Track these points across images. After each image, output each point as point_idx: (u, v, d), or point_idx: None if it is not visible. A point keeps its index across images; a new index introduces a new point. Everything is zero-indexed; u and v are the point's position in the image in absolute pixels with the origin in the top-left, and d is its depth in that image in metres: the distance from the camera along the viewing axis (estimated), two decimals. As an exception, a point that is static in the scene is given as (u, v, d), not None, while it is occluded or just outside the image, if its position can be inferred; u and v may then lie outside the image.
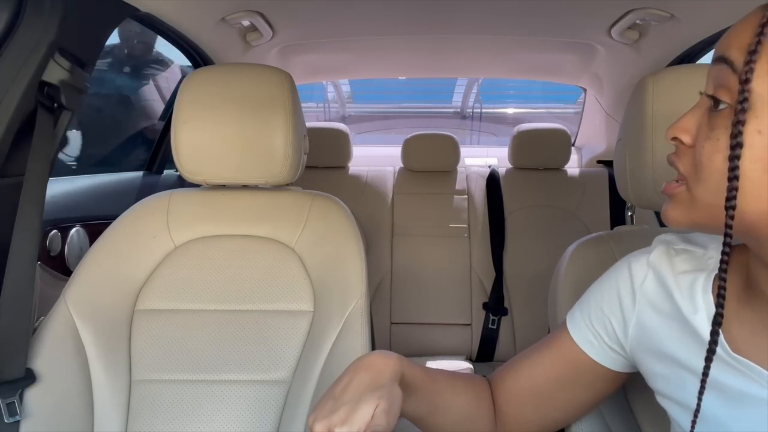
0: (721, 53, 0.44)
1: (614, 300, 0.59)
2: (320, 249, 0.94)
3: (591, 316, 0.60)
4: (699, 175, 0.45)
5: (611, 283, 0.60)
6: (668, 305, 0.55)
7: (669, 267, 0.56)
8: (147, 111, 2.07)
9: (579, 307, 0.63)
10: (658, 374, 0.56)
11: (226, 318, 0.91)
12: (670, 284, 0.55)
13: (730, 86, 0.43)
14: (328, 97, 4.22)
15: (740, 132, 0.41)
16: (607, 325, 0.59)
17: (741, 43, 0.42)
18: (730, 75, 0.43)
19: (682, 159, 0.48)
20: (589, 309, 0.61)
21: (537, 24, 1.48)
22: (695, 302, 0.52)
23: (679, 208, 0.49)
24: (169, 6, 1.17)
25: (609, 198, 2.02)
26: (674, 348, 0.54)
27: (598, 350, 0.60)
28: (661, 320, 0.55)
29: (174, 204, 0.98)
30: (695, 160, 0.46)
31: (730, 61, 0.43)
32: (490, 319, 1.89)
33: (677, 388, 0.54)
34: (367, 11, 1.40)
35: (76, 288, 0.89)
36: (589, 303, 0.62)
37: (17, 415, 0.76)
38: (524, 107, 4.72)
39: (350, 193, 2.05)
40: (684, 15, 1.25)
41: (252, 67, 0.96)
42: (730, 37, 0.44)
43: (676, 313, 0.54)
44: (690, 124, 0.47)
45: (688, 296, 0.53)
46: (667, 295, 0.55)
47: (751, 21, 0.43)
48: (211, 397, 0.87)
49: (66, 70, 0.91)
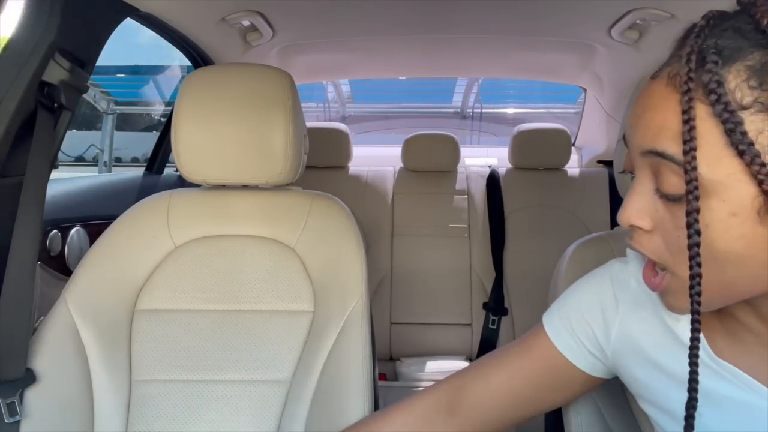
0: (651, 147, 0.42)
1: (595, 307, 0.59)
2: (320, 249, 0.94)
3: (572, 322, 0.60)
4: (683, 260, 0.42)
5: (592, 290, 0.60)
6: (649, 313, 0.55)
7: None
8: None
9: (557, 312, 0.62)
10: (641, 380, 0.56)
11: (226, 318, 0.91)
12: (650, 292, 0.55)
13: (673, 178, 0.41)
14: (328, 97, 4.22)
15: (696, 220, 0.40)
16: (588, 331, 0.59)
17: (669, 134, 0.41)
18: (670, 167, 0.41)
19: (646, 245, 0.46)
20: (569, 314, 0.60)
21: (537, 24, 1.48)
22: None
23: (681, 298, 0.46)
24: (169, 6, 1.17)
25: (609, 198, 2.02)
26: (657, 354, 0.54)
27: (578, 355, 0.59)
28: (643, 328, 0.55)
29: (174, 204, 0.98)
30: (669, 246, 0.44)
31: (667, 155, 0.41)
32: (490, 319, 1.89)
33: (661, 394, 0.54)
34: (367, 11, 1.40)
35: (76, 288, 0.89)
36: (568, 308, 0.61)
37: (17, 415, 0.76)
38: (524, 107, 4.72)
39: (350, 193, 2.05)
40: (684, 15, 1.25)
41: (252, 67, 0.96)
42: (653, 128, 0.42)
43: (658, 321, 0.54)
44: (644, 209, 0.45)
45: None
46: (648, 302, 0.55)
47: (663, 105, 0.42)
48: (211, 397, 0.87)
49: (66, 70, 0.91)
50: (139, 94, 6.06)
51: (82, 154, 5.62)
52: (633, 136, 0.45)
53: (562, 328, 0.60)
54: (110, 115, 5.31)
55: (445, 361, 1.84)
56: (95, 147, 5.36)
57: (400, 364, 1.85)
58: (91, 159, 5.61)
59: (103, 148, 5.23)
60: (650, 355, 0.54)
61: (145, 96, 6.15)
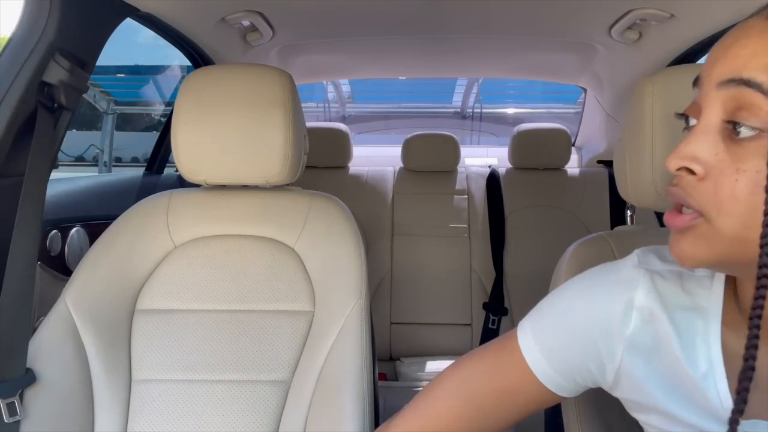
0: (736, 75, 0.40)
1: (590, 344, 0.50)
2: (320, 249, 0.94)
3: (557, 353, 0.51)
4: (727, 210, 0.39)
5: (586, 320, 0.51)
6: (662, 354, 0.48)
7: (660, 304, 0.48)
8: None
9: (534, 334, 0.53)
10: (647, 422, 0.51)
11: (226, 318, 0.91)
12: (663, 326, 0.47)
13: (757, 110, 0.38)
14: (328, 97, 4.22)
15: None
16: (580, 367, 0.51)
17: (760, 63, 0.39)
18: (756, 97, 0.38)
19: (693, 193, 0.42)
20: (553, 345, 0.52)
21: (537, 24, 1.48)
22: (699, 357, 0.45)
23: (699, 245, 0.42)
24: (169, 6, 1.17)
25: (609, 198, 2.02)
26: (667, 402, 0.48)
27: (556, 382, 0.52)
28: (651, 368, 0.48)
29: (174, 204, 0.98)
30: (719, 193, 0.40)
31: (754, 83, 0.39)
32: (490, 319, 1.89)
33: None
34: (367, 11, 1.40)
35: (76, 288, 0.89)
36: (554, 337, 0.52)
37: (17, 415, 0.76)
38: (524, 107, 4.72)
39: (350, 193, 2.05)
40: (684, 15, 1.25)
41: (252, 67, 0.96)
42: (743, 56, 0.40)
43: (673, 363, 0.47)
44: (702, 153, 0.41)
45: (689, 346, 0.46)
46: (660, 340, 0.48)
47: (758, 36, 0.39)
48: (211, 397, 0.87)
49: (66, 70, 0.91)
50: (139, 94, 6.05)
51: (82, 154, 5.62)
52: (713, 68, 0.42)
53: (541, 357, 0.52)
54: (110, 115, 5.31)
55: (445, 361, 1.84)
56: (95, 147, 5.36)
57: (400, 364, 1.85)
58: (91, 159, 5.61)
59: (103, 148, 5.23)
60: (659, 402, 0.48)
61: (145, 96, 6.15)
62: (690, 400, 0.46)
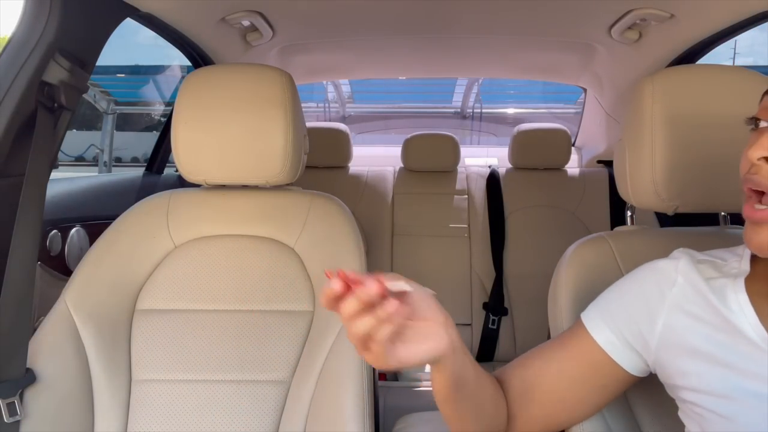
0: None
1: (639, 301, 0.61)
2: (320, 249, 0.94)
3: (615, 318, 0.61)
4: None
5: (635, 285, 0.62)
6: (701, 308, 0.57)
7: (697, 273, 0.59)
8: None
9: (597, 309, 0.63)
10: (690, 371, 0.57)
11: (226, 318, 0.91)
12: (702, 288, 0.58)
13: None
14: (328, 97, 4.21)
15: None
16: (631, 326, 0.60)
17: None
18: None
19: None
20: (611, 310, 0.62)
21: (537, 24, 1.48)
22: (731, 302, 0.55)
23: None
24: (169, 6, 1.17)
25: (609, 198, 2.02)
26: (709, 346, 0.55)
27: (619, 351, 0.61)
28: (691, 322, 0.57)
29: (174, 204, 0.98)
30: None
31: None
32: (490, 319, 1.89)
33: (713, 383, 0.55)
34: (367, 11, 1.40)
35: (76, 288, 0.89)
36: (610, 305, 0.63)
37: (17, 415, 0.76)
38: (524, 107, 4.72)
39: (350, 193, 2.05)
40: (684, 15, 1.25)
41: (252, 67, 0.96)
42: None
43: (713, 313, 0.56)
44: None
45: (722, 298, 0.56)
46: (700, 298, 0.58)
47: None
48: (211, 397, 0.87)
49: (66, 70, 0.91)
50: (139, 94, 6.05)
51: (82, 154, 5.63)
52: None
53: (603, 325, 0.62)
54: (110, 115, 5.31)
55: (445, 361, 1.84)
56: (95, 147, 5.36)
57: (400, 364, 1.84)
58: (91, 159, 5.61)
59: (103, 148, 5.23)
60: (702, 346, 0.56)
61: (145, 96, 6.15)
62: (728, 336, 0.54)
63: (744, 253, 0.60)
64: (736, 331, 0.54)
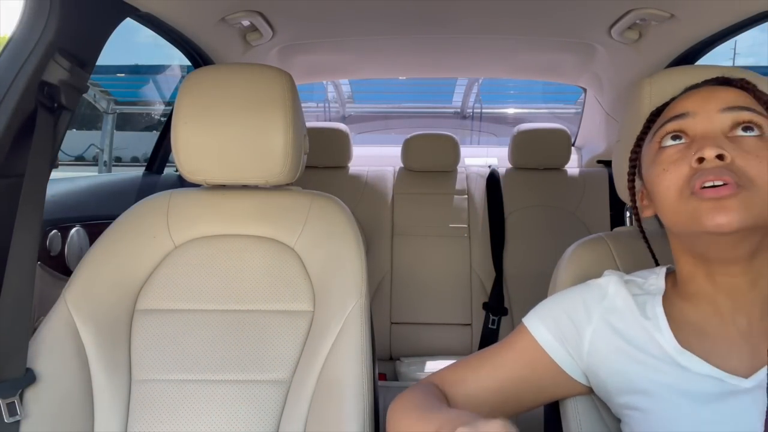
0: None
1: (577, 304, 0.67)
2: (320, 249, 0.94)
3: (554, 319, 0.67)
4: (757, 183, 0.54)
5: (576, 295, 0.69)
6: (624, 321, 0.65)
7: (625, 289, 0.67)
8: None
9: (539, 314, 0.69)
10: (620, 370, 0.63)
11: (226, 318, 0.91)
12: (629, 302, 0.65)
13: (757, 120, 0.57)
14: (328, 97, 4.21)
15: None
16: (569, 326, 0.66)
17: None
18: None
19: (723, 172, 0.55)
20: (552, 312, 0.68)
21: (537, 24, 1.48)
22: (649, 314, 0.64)
23: (741, 210, 0.54)
24: (169, 6, 1.17)
25: (609, 198, 2.02)
26: (637, 342, 0.63)
27: (556, 350, 0.66)
28: (621, 324, 0.65)
29: (174, 204, 0.98)
30: (749, 174, 0.55)
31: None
32: (490, 319, 1.89)
33: (641, 377, 0.61)
34: (367, 11, 1.40)
35: (76, 288, 0.89)
36: (552, 310, 0.69)
37: (17, 415, 0.76)
38: (524, 107, 4.71)
39: (350, 193, 2.05)
40: (684, 15, 1.25)
41: (252, 67, 0.96)
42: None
43: (632, 319, 0.64)
44: (726, 145, 0.56)
45: (643, 311, 0.64)
46: (626, 310, 0.65)
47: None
48: (211, 397, 0.87)
49: (66, 70, 0.91)
50: (139, 94, 6.05)
51: (82, 154, 5.63)
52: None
53: (542, 325, 0.68)
54: (110, 115, 5.31)
55: (445, 361, 1.82)
56: (95, 147, 5.37)
57: (400, 364, 1.85)
58: (91, 159, 5.61)
59: (103, 148, 5.23)
60: (630, 343, 0.63)
61: (145, 96, 6.15)
62: (646, 340, 0.63)
63: (660, 272, 0.68)
64: (651, 339, 0.62)
